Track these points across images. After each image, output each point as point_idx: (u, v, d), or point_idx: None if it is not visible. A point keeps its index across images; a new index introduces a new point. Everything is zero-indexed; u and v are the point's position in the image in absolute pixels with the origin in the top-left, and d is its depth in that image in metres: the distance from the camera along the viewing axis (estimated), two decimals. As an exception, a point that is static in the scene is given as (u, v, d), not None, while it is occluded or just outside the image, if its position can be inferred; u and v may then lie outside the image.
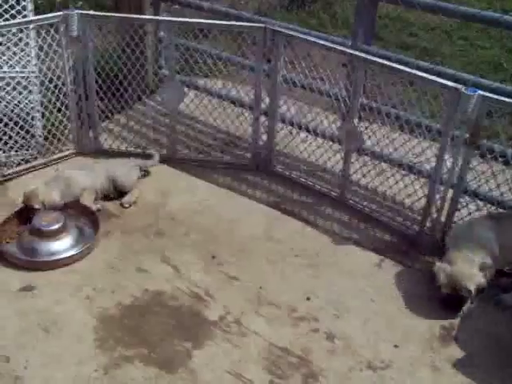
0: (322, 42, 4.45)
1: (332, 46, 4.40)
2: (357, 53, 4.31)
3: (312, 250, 4.31)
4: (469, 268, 3.83)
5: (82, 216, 4.48)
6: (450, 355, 3.56)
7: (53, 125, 5.15)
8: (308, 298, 3.91)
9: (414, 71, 4.07)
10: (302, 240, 4.40)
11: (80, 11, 4.77)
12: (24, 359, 3.41)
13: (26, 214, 4.39)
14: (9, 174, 4.91)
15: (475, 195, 4.33)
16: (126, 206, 4.64)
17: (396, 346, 3.61)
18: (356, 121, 4.47)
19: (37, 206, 4.38)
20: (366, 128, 4.62)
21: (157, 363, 3.42)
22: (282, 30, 4.55)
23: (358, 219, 4.63)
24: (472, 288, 3.78)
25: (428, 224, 4.34)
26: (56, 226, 4.20)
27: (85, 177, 4.65)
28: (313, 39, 4.49)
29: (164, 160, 5.13)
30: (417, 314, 3.83)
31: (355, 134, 4.49)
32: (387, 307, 3.88)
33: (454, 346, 3.62)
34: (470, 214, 4.31)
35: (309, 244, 4.36)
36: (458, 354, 3.56)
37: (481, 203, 4.33)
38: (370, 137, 4.63)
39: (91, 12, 4.86)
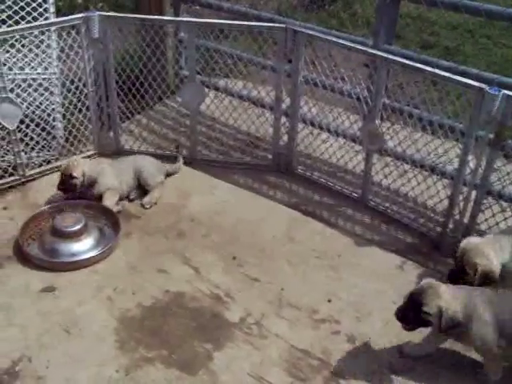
0: (343, 41, 4.42)
1: (353, 45, 4.36)
2: (379, 52, 4.27)
3: (333, 251, 4.28)
4: (488, 250, 3.58)
5: (103, 217, 4.50)
6: (473, 361, 3.49)
7: (73, 126, 5.18)
8: (329, 300, 3.89)
9: (436, 71, 4.02)
10: (323, 241, 4.37)
11: (101, 13, 4.78)
12: (46, 359, 3.43)
13: (64, 184, 4.51)
14: (30, 175, 4.94)
15: (499, 196, 4.26)
16: (147, 206, 4.65)
17: (418, 349, 3.57)
18: (378, 121, 4.43)
19: (75, 175, 4.44)
20: (388, 128, 4.58)
21: (177, 365, 3.42)
22: (303, 29, 4.52)
23: (380, 221, 4.60)
24: (479, 267, 3.51)
25: (450, 226, 4.29)
26: (77, 227, 4.22)
27: (111, 177, 4.67)
28: (334, 39, 4.45)
29: (185, 161, 5.14)
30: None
31: (377, 134, 4.44)
32: (409, 310, 3.84)
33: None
34: (493, 215, 4.24)
35: (330, 245, 4.34)
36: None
37: (505, 204, 4.26)
38: (392, 137, 4.59)
39: (112, 13, 4.88)
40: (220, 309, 3.78)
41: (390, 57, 4.16)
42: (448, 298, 3.23)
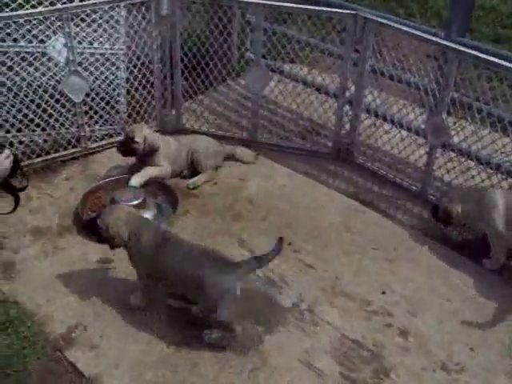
0: (414, 31, 4.33)
1: (426, 36, 4.27)
2: (451, 44, 4.17)
3: (390, 243, 4.23)
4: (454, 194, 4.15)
5: (162, 194, 4.55)
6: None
7: (137, 102, 5.24)
8: (383, 292, 3.85)
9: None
10: (379, 233, 4.33)
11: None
12: (100, 329, 3.51)
13: (124, 146, 4.59)
14: (92, 148, 5.03)
15: None
16: (190, 187, 4.65)
17: (472, 349, 3.51)
18: (444, 115, 4.34)
19: (137, 139, 4.50)
20: (455, 123, 4.48)
21: (228, 344, 3.43)
22: (374, 17, 4.44)
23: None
24: (452, 209, 4.07)
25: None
26: (135, 202, 4.27)
27: (170, 153, 4.70)
28: (405, 28, 4.36)
29: (244, 143, 5.14)
30: (495, 318, 3.71)
31: (443, 128, 4.36)
32: (464, 308, 3.77)
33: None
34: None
35: (386, 237, 4.29)
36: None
37: None
38: (457, 132, 4.49)
39: (181, -8, 4.88)
40: (273, 293, 3.79)
41: (464, 49, 4.06)
42: None
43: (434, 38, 4.29)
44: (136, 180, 4.47)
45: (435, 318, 3.69)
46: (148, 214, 4.28)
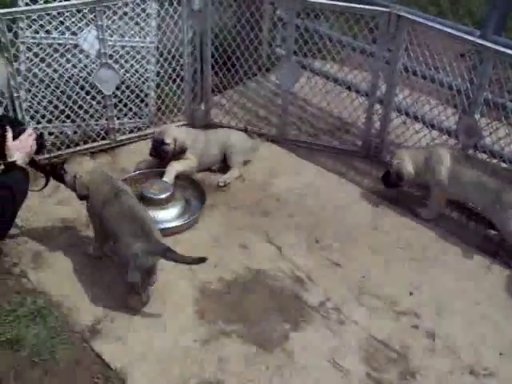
0: (449, 30, 4.26)
1: (461, 35, 4.20)
2: (488, 43, 4.09)
3: (418, 244, 4.19)
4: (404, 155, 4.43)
5: (190, 187, 4.55)
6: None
7: (166, 95, 5.25)
8: (411, 293, 3.81)
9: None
10: (408, 233, 4.28)
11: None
12: (127, 321, 3.51)
13: (156, 150, 4.61)
14: (120, 141, 5.05)
15: None
16: (221, 184, 4.63)
17: (501, 354, 3.45)
18: (477, 116, 4.28)
19: (168, 141, 4.52)
20: (488, 124, 4.41)
21: (254, 341, 3.42)
22: (408, 15, 4.39)
23: (469, 218, 4.45)
24: (403, 170, 4.37)
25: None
26: (164, 195, 4.28)
27: (198, 149, 4.71)
28: (439, 27, 4.30)
29: (273, 140, 5.12)
30: (526, 324, 3.65)
31: (475, 129, 4.30)
32: (493, 312, 3.71)
33: None
34: None
35: (415, 238, 4.25)
36: None
37: None
38: (490, 134, 4.42)
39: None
40: (300, 290, 3.77)
41: (501, 49, 3.99)
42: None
43: (470, 37, 4.21)
44: (167, 178, 4.50)
45: (464, 321, 3.63)
46: (176, 207, 4.30)
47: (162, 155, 4.59)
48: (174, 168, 4.55)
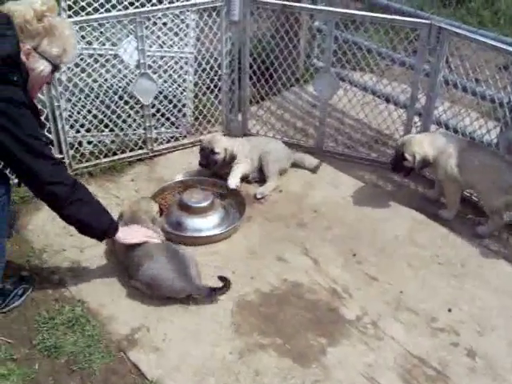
0: (492, 42, 4.19)
1: (505, 47, 4.11)
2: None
3: (457, 259, 4.12)
4: (422, 141, 4.37)
5: (229, 197, 4.56)
6: None
7: (204, 106, 5.28)
8: (449, 310, 3.74)
9: None
10: (446, 248, 4.22)
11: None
12: (163, 332, 3.51)
13: (205, 159, 4.65)
14: (157, 150, 5.09)
15: None
16: (258, 196, 4.61)
17: (544, 376, 3.37)
18: (520, 129, 4.21)
19: (217, 150, 4.56)
20: (530, 139, 4.34)
21: (291, 355, 3.39)
22: (449, 27, 4.34)
23: (508, 232, 4.36)
24: (417, 154, 4.33)
25: None
26: (204, 204, 4.29)
27: (246, 154, 4.76)
28: (482, 39, 4.24)
29: (310, 151, 5.10)
30: None
31: (517, 143, 4.23)
32: (535, 331, 3.63)
33: None
34: None
35: (453, 253, 4.17)
36: None
37: None
38: (533, 148, 4.35)
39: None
40: (337, 304, 3.73)
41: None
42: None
43: (512, 49, 4.15)
44: (233, 181, 4.53)
45: (504, 340, 3.55)
46: (215, 216, 4.31)
47: (212, 164, 4.62)
48: (239, 170, 4.61)
